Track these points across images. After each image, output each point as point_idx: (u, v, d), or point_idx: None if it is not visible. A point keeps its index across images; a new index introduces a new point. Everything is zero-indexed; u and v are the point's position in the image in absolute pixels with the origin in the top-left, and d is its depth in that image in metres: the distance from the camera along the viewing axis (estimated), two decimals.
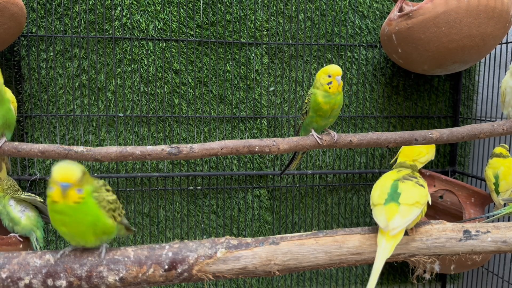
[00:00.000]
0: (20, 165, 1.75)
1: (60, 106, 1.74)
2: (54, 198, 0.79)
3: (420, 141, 1.32)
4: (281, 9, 1.84)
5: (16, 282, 0.82)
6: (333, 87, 1.21)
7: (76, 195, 0.79)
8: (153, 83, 1.78)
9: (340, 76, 1.20)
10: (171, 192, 1.85)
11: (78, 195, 0.79)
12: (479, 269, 1.98)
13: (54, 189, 0.79)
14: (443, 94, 2.02)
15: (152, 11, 1.75)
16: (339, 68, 1.21)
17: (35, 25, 1.68)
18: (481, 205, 1.71)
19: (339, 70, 1.20)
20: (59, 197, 0.79)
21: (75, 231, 0.83)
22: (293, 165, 1.45)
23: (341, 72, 1.20)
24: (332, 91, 1.21)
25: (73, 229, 0.82)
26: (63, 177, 0.78)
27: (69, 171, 0.79)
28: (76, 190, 0.79)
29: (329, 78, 1.21)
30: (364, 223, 2.00)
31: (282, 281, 1.96)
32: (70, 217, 0.81)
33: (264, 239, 0.91)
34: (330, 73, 1.20)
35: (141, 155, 1.22)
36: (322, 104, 1.23)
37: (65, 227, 0.82)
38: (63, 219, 0.81)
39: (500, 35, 1.59)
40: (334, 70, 1.20)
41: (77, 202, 0.79)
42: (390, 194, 0.96)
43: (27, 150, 1.21)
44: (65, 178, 0.78)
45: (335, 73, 1.20)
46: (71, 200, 0.79)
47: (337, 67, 1.20)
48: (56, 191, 0.79)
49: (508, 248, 0.93)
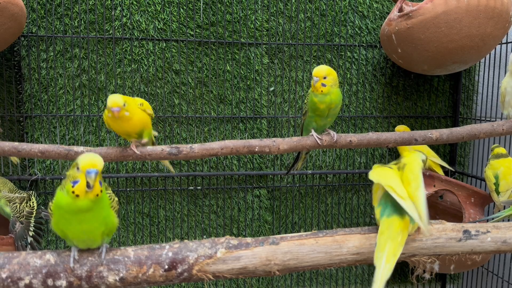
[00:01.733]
0: (20, 165, 1.75)
1: (60, 106, 1.74)
2: (78, 192, 0.78)
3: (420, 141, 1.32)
4: (281, 9, 1.84)
5: (16, 282, 0.82)
6: (312, 87, 1.24)
7: (99, 187, 0.79)
8: (153, 83, 1.78)
9: (317, 77, 1.21)
10: (171, 192, 1.85)
11: (99, 187, 0.79)
12: (479, 269, 1.98)
13: (79, 181, 0.78)
14: (443, 94, 2.02)
15: (152, 11, 1.75)
16: (318, 70, 1.22)
17: (35, 25, 1.68)
18: (481, 205, 1.71)
19: (317, 71, 1.21)
20: (83, 190, 0.78)
21: (88, 229, 0.82)
22: (299, 165, 1.46)
23: (320, 73, 1.21)
24: (315, 91, 1.23)
25: (87, 227, 0.82)
26: (91, 163, 0.78)
27: (96, 158, 0.80)
28: (99, 182, 0.79)
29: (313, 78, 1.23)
30: (364, 223, 2.00)
31: (282, 281, 1.97)
32: (88, 213, 0.80)
33: (264, 239, 0.91)
34: (312, 74, 1.23)
35: (141, 155, 1.22)
36: (317, 103, 1.23)
37: (80, 225, 0.81)
38: (81, 217, 0.80)
39: (500, 35, 1.59)
40: (314, 71, 1.22)
41: (98, 195, 0.79)
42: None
43: (27, 150, 1.21)
44: (93, 164, 0.78)
45: (313, 74, 1.22)
46: (95, 192, 0.79)
47: (316, 69, 1.22)
48: (81, 184, 0.78)
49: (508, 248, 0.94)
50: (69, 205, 0.79)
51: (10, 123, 1.74)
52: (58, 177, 1.75)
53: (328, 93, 1.22)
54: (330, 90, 1.22)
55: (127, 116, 1.17)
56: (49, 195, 1.76)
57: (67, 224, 0.82)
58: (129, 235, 1.84)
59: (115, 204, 0.89)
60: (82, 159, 0.79)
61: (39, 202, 1.76)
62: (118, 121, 1.18)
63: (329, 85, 1.21)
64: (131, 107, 1.18)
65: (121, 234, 1.83)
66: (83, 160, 0.79)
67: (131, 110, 1.18)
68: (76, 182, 0.78)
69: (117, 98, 1.14)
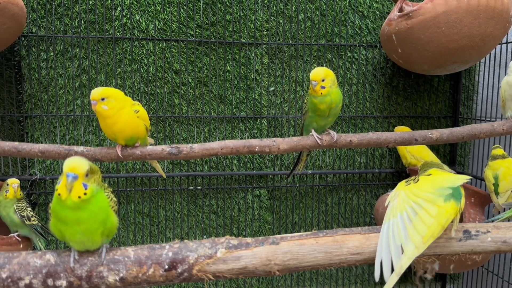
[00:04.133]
0: (20, 165, 1.75)
1: (61, 106, 1.74)
2: (60, 191, 0.79)
3: (420, 141, 1.32)
4: (281, 9, 1.84)
5: (16, 282, 0.82)
6: (310, 90, 1.24)
7: (81, 190, 0.79)
8: (153, 83, 1.78)
9: (315, 81, 1.21)
10: (171, 192, 1.85)
11: (82, 190, 0.79)
12: (479, 269, 1.98)
13: (61, 181, 0.79)
14: (443, 94, 2.02)
15: (152, 11, 1.75)
16: (315, 73, 1.22)
17: (35, 25, 1.68)
18: (481, 205, 1.71)
19: (315, 75, 1.21)
20: (64, 190, 0.79)
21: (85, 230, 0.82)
22: (300, 166, 1.46)
23: (318, 76, 1.21)
24: (314, 94, 1.23)
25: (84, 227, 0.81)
26: (70, 167, 0.79)
27: (77, 163, 0.80)
28: (82, 184, 0.79)
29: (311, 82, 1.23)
30: (364, 223, 2.00)
31: (282, 281, 1.97)
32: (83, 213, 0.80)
33: (264, 239, 0.91)
34: (310, 78, 1.23)
35: (141, 155, 1.22)
36: (318, 104, 1.24)
37: (78, 225, 0.81)
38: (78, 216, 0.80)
39: (500, 35, 1.59)
40: (311, 74, 1.22)
41: (80, 197, 0.79)
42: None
43: (27, 150, 1.21)
44: (72, 168, 0.79)
45: (311, 78, 1.22)
46: (75, 195, 0.79)
47: (313, 72, 1.22)
48: (62, 184, 0.79)
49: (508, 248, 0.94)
50: (56, 203, 0.81)
51: (10, 123, 1.74)
52: (58, 177, 1.74)
53: (328, 94, 1.22)
54: (329, 91, 1.22)
55: (107, 112, 1.13)
56: (49, 195, 1.76)
57: (64, 225, 0.82)
58: (129, 235, 1.84)
59: (114, 204, 0.88)
60: (66, 162, 0.80)
61: (39, 202, 1.76)
62: (100, 117, 1.15)
63: (328, 86, 1.22)
64: (117, 104, 1.13)
65: (121, 234, 1.83)
66: (66, 163, 0.80)
67: (113, 107, 1.13)
68: (59, 181, 0.80)
69: (97, 91, 1.12)
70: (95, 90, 1.12)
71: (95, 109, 1.13)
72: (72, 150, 1.21)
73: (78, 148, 1.22)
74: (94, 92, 1.12)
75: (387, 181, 2.00)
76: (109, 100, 1.13)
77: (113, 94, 1.13)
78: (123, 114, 1.15)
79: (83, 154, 1.21)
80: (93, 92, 1.12)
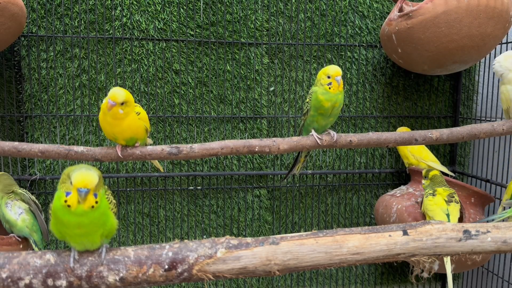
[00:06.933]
0: (20, 165, 1.75)
1: (60, 106, 1.74)
2: (70, 203, 0.79)
3: (420, 141, 1.32)
4: (281, 9, 1.84)
5: (16, 282, 0.82)
6: (333, 87, 1.23)
7: (93, 200, 0.80)
8: (153, 83, 1.78)
9: (339, 76, 1.21)
10: (171, 192, 1.85)
11: (94, 199, 0.80)
12: (479, 269, 1.98)
13: (71, 193, 0.79)
14: (443, 94, 2.02)
15: (152, 11, 1.75)
16: (338, 69, 1.22)
17: (35, 25, 1.68)
18: (481, 205, 1.71)
19: (338, 71, 1.21)
20: (75, 202, 0.79)
21: (87, 232, 0.82)
22: (297, 168, 1.45)
23: (341, 72, 1.22)
24: (332, 91, 1.23)
25: (85, 230, 0.82)
26: (82, 183, 0.78)
27: (88, 177, 0.79)
28: (93, 195, 0.80)
29: (328, 79, 1.22)
30: (364, 223, 2.00)
31: (282, 281, 1.97)
32: (87, 218, 0.81)
33: (264, 239, 0.91)
34: (329, 74, 1.22)
35: (141, 155, 1.22)
36: (323, 101, 1.23)
37: (79, 229, 0.81)
38: (80, 221, 0.81)
39: (500, 35, 1.59)
40: (333, 71, 1.21)
41: (93, 207, 0.80)
42: None
43: (27, 150, 1.21)
44: (84, 184, 0.78)
45: (334, 74, 1.22)
46: (88, 205, 0.79)
47: (336, 68, 1.22)
48: (72, 196, 0.79)
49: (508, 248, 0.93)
50: (60, 209, 0.81)
51: (10, 123, 1.74)
52: (58, 177, 1.74)
53: (340, 92, 1.25)
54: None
55: (120, 116, 1.10)
56: (49, 195, 1.76)
57: (65, 228, 0.82)
58: (129, 235, 1.84)
59: (113, 207, 0.89)
60: (75, 177, 0.79)
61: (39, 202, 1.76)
62: (107, 117, 1.12)
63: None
64: (130, 110, 1.13)
65: (121, 234, 1.83)
66: (75, 178, 0.79)
67: (127, 112, 1.12)
68: (69, 193, 0.79)
69: (120, 93, 1.08)
70: (118, 93, 1.07)
71: (111, 109, 1.08)
72: (72, 150, 1.21)
73: (78, 148, 1.22)
74: (116, 93, 1.07)
75: (387, 181, 2.00)
76: (127, 105, 1.10)
77: (129, 99, 1.11)
78: (129, 119, 1.14)
79: (83, 154, 1.21)
80: (115, 93, 1.07)
